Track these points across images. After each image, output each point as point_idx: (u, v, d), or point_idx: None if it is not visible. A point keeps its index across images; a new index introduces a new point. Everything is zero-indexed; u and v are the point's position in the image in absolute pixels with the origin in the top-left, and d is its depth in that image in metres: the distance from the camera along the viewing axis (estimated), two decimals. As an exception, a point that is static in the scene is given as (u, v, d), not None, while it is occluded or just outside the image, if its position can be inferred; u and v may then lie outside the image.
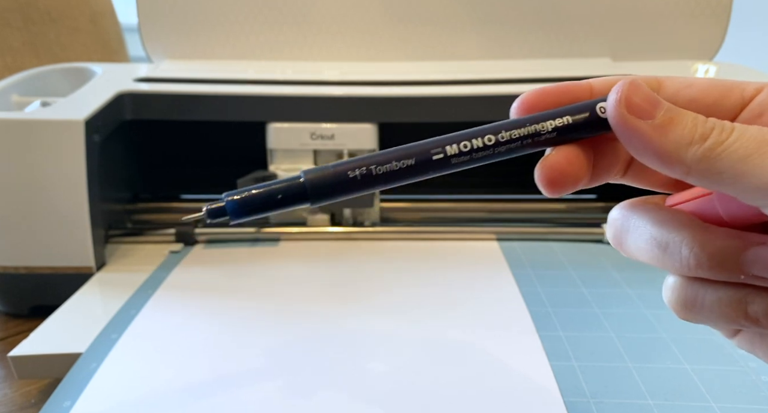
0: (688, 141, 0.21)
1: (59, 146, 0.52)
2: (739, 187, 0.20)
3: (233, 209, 0.23)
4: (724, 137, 0.20)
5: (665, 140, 0.21)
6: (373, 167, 0.23)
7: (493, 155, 0.23)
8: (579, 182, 0.24)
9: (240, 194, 0.24)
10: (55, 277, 0.54)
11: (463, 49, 0.72)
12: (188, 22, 0.73)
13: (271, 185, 0.24)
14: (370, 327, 0.46)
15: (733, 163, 0.20)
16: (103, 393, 0.38)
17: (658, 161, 0.21)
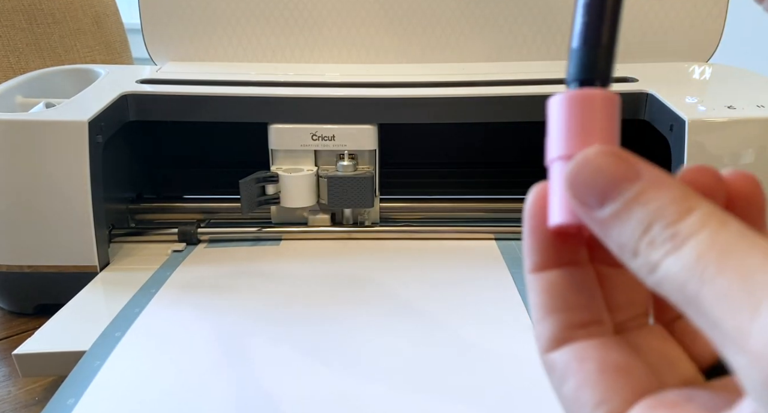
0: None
1: (63, 147, 0.53)
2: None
3: None
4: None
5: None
6: None
7: None
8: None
9: None
10: (59, 276, 0.54)
11: (464, 51, 0.72)
12: (191, 25, 0.73)
13: None
14: (371, 325, 0.46)
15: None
16: (106, 390, 0.39)
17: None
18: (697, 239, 0.15)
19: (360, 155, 0.62)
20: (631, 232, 0.16)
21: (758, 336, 0.14)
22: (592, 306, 0.20)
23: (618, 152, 0.17)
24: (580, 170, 0.17)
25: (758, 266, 0.14)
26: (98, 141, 0.54)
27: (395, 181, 0.70)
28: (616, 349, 0.19)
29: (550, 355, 0.20)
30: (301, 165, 0.62)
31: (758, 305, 0.14)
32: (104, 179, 0.55)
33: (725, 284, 0.14)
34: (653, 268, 0.16)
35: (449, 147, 0.73)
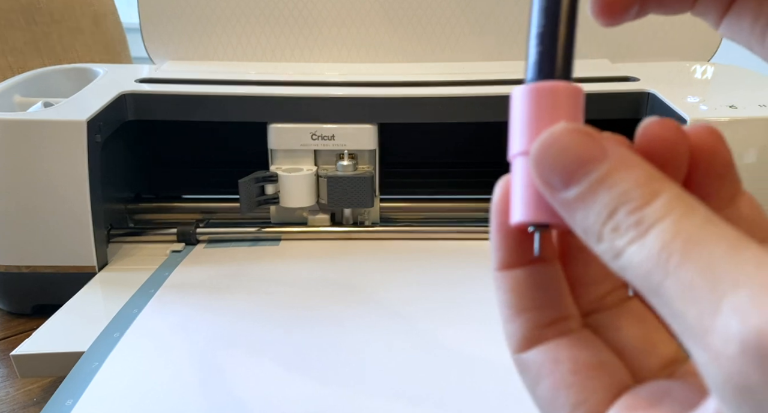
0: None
1: (62, 147, 0.53)
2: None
3: None
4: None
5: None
6: None
7: None
8: (630, 7, 0.21)
9: None
10: (57, 276, 0.54)
11: (463, 51, 0.72)
12: (190, 24, 0.73)
13: None
14: (371, 326, 0.46)
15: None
16: (105, 391, 0.39)
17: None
18: (662, 227, 0.15)
19: (360, 155, 0.62)
20: (595, 217, 0.16)
21: (719, 333, 0.13)
22: (560, 303, 0.20)
23: (585, 129, 0.17)
24: (545, 149, 0.17)
25: (721, 257, 0.14)
26: (97, 141, 0.54)
27: (395, 181, 0.69)
28: (588, 346, 0.19)
29: (522, 355, 0.20)
30: (301, 165, 0.61)
31: (720, 301, 0.13)
32: (103, 178, 0.55)
33: (688, 277, 0.14)
34: (617, 254, 0.15)
35: (450, 147, 0.73)
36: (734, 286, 0.13)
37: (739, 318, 0.13)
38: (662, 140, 0.19)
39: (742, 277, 0.13)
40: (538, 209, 0.18)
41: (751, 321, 0.13)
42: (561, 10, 0.19)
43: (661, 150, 0.19)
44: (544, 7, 0.19)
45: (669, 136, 0.19)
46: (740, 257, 0.14)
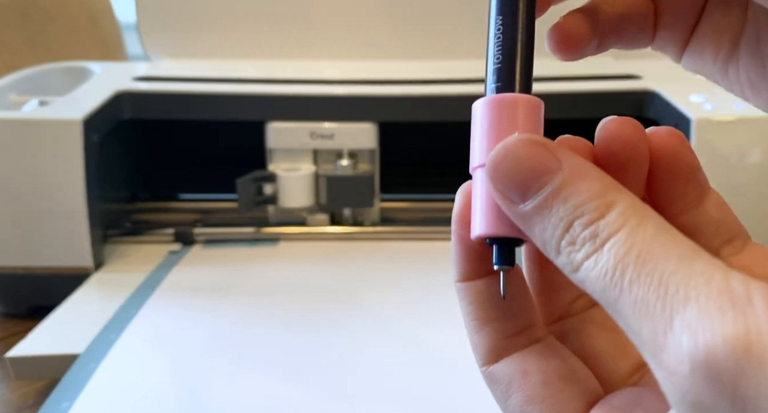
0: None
1: (57, 146, 0.52)
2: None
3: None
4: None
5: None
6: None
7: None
8: (587, 42, 0.22)
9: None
10: (53, 277, 0.54)
11: (464, 48, 0.72)
12: (187, 21, 0.72)
13: None
14: (370, 327, 0.45)
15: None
16: (101, 394, 0.38)
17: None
18: (616, 240, 0.15)
19: (360, 154, 0.61)
20: (552, 230, 0.16)
21: (672, 352, 0.13)
22: (524, 311, 0.20)
23: (538, 139, 0.17)
24: (499, 161, 0.17)
25: (673, 271, 0.14)
26: (93, 140, 0.54)
27: (395, 180, 0.69)
28: (556, 355, 0.19)
29: (491, 368, 0.19)
30: (300, 164, 0.61)
31: (671, 318, 0.13)
32: (99, 178, 0.55)
33: (641, 294, 0.14)
34: (575, 269, 0.15)
35: (451, 146, 0.73)
36: (684, 302, 0.13)
37: (688, 336, 0.13)
38: (621, 139, 0.19)
39: (692, 292, 0.13)
40: (498, 223, 0.18)
41: (700, 339, 0.13)
42: (519, 24, 0.19)
43: (620, 149, 0.19)
44: (501, 20, 0.19)
45: (628, 135, 0.19)
46: (690, 270, 0.14)
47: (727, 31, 0.22)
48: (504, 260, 0.18)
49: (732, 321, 0.12)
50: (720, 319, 0.13)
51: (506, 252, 0.18)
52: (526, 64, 0.19)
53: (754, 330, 0.12)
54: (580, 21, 0.22)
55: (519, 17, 0.19)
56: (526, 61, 0.19)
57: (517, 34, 0.19)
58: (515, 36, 0.19)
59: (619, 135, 0.19)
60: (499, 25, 0.19)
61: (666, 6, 0.22)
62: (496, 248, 0.18)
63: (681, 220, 0.19)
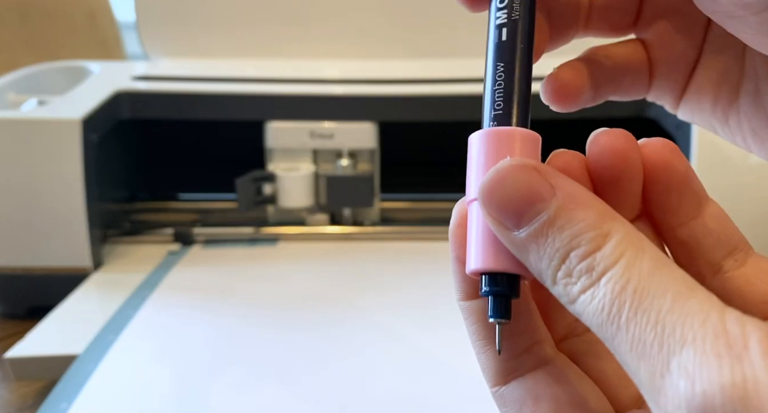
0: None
1: (56, 146, 0.52)
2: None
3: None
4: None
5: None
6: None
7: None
8: (583, 93, 0.22)
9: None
10: (51, 277, 0.54)
11: (465, 47, 0.71)
12: (186, 20, 0.72)
13: None
14: (370, 327, 0.45)
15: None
16: (100, 394, 0.38)
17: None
18: (612, 274, 0.15)
19: (359, 154, 0.61)
20: (548, 261, 0.16)
21: (669, 396, 0.13)
22: (531, 328, 0.19)
23: (531, 163, 0.17)
24: (493, 187, 0.17)
25: (668, 311, 0.14)
26: (92, 140, 0.53)
27: (395, 180, 0.69)
28: (568, 380, 0.19)
29: (501, 390, 0.19)
30: (299, 164, 0.61)
31: (669, 361, 0.13)
32: (98, 178, 0.55)
33: (638, 333, 0.14)
34: (572, 301, 0.15)
35: (451, 146, 0.73)
36: (681, 343, 0.13)
37: (685, 380, 0.13)
38: (613, 152, 0.18)
39: (688, 333, 0.13)
40: (494, 257, 0.17)
41: (697, 386, 0.13)
42: (516, 60, 0.19)
43: (613, 163, 0.18)
44: (498, 56, 0.19)
45: (620, 148, 0.18)
46: (687, 308, 0.14)
47: (725, 81, 0.22)
48: (499, 313, 0.18)
49: (729, 369, 0.12)
50: (717, 366, 0.13)
51: (502, 304, 0.18)
52: (524, 100, 0.19)
53: (750, 379, 0.12)
54: (575, 72, 0.22)
55: (517, 59, 0.19)
56: (524, 97, 0.19)
57: (514, 75, 0.19)
58: (512, 76, 0.19)
59: (611, 148, 0.18)
60: (496, 59, 0.19)
61: (660, 57, 0.22)
62: (491, 299, 0.18)
63: (680, 233, 0.19)
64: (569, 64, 0.22)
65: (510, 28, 0.19)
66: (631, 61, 0.22)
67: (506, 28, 0.19)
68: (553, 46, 0.22)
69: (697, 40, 0.22)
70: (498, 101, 0.18)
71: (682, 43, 0.22)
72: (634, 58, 0.22)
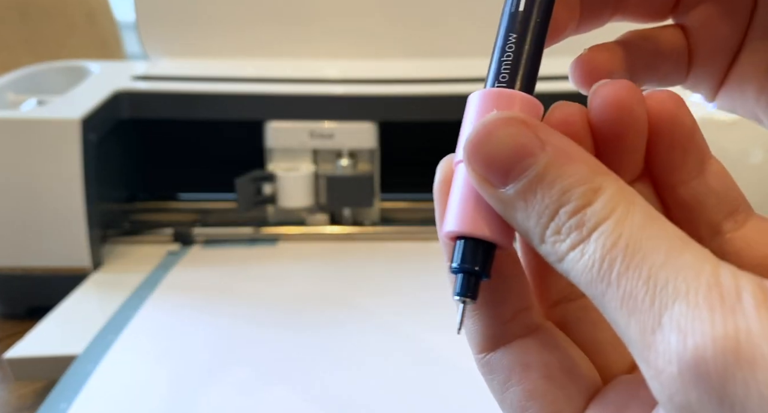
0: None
1: (55, 146, 0.52)
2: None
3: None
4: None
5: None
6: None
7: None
8: (615, 77, 0.20)
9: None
10: (51, 278, 0.53)
11: (465, 47, 0.71)
12: (186, 19, 0.72)
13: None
14: (370, 327, 0.45)
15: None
16: (99, 395, 0.38)
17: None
18: (603, 230, 0.14)
19: (359, 154, 0.61)
20: (536, 218, 0.15)
21: (660, 350, 0.13)
22: (519, 294, 0.19)
23: (519, 117, 0.16)
24: (479, 142, 0.16)
25: (661, 266, 0.13)
26: (91, 140, 0.53)
27: (396, 180, 0.69)
28: (558, 347, 0.18)
29: (488, 357, 0.18)
30: (299, 164, 0.61)
31: (660, 316, 0.13)
32: (97, 178, 0.55)
33: (629, 288, 0.13)
34: (560, 259, 0.15)
35: (451, 146, 0.73)
36: (674, 297, 0.13)
37: (677, 334, 0.12)
38: (617, 103, 0.17)
39: (681, 286, 0.13)
40: (472, 221, 0.16)
41: (689, 340, 0.12)
42: (528, 33, 0.18)
43: (616, 116, 0.17)
44: (511, 26, 0.18)
45: (624, 99, 0.17)
46: (680, 262, 0.13)
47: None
48: (465, 291, 0.17)
49: (721, 321, 0.12)
50: (709, 318, 0.12)
51: (471, 282, 0.17)
52: (530, 73, 0.18)
53: (743, 330, 0.12)
54: (609, 54, 0.21)
55: (530, 31, 0.18)
56: (530, 70, 0.18)
57: (524, 47, 0.18)
58: (522, 48, 0.18)
59: (614, 101, 0.17)
60: (510, 37, 0.18)
61: (701, 43, 0.21)
62: (459, 276, 0.17)
63: (681, 192, 0.19)
64: (603, 46, 0.21)
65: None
66: (671, 48, 0.21)
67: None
68: (583, 28, 0.21)
69: (742, 25, 0.21)
70: (503, 73, 0.18)
71: (725, 29, 0.21)
72: (673, 44, 0.21)
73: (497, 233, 0.16)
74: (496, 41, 0.18)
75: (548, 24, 0.18)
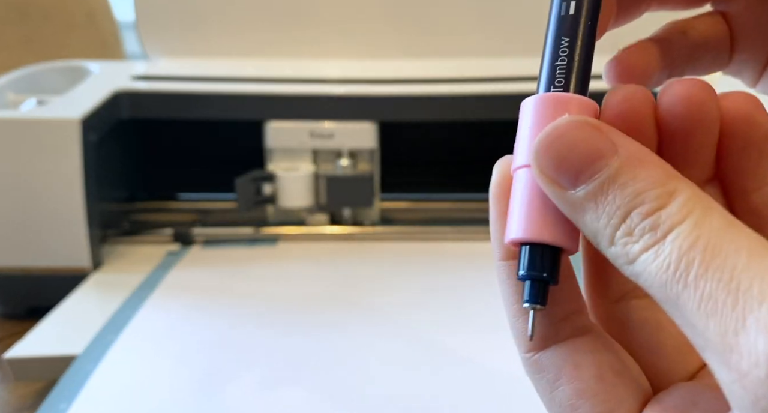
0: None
1: (55, 146, 0.52)
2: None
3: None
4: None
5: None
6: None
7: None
8: (653, 75, 0.20)
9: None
10: (51, 278, 0.53)
11: (466, 47, 0.71)
12: (186, 19, 0.72)
13: None
14: (370, 328, 0.45)
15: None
16: (99, 395, 0.38)
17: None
18: (680, 231, 0.14)
19: (359, 154, 0.61)
20: (606, 219, 0.15)
21: (744, 352, 0.12)
22: (572, 296, 0.18)
23: (591, 121, 0.16)
24: (549, 143, 0.16)
25: (743, 268, 0.13)
26: (91, 140, 0.53)
27: (396, 180, 0.69)
28: (608, 350, 0.18)
29: (537, 355, 0.18)
30: (299, 164, 0.61)
31: (745, 318, 0.12)
32: (97, 178, 0.55)
33: (708, 290, 0.13)
34: (631, 261, 0.15)
35: (452, 145, 0.73)
36: (759, 299, 0.12)
37: (764, 337, 0.12)
38: (687, 98, 0.17)
39: (767, 289, 0.12)
40: (539, 227, 0.16)
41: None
42: (579, 36, 0.18)
43: (686, 112, 0.17)
44: (562, 30, 0.18)
45: (696, 95, 0.17)
46: (764, 266, 0.13)
47: None
48: (536, 298, 0.17)
49: None
50: None
51: (540, 289, 0.17)
52: (584, 77, 0.18)
53: None
54: (643, 52, 0.20)
55: (581, 35, 0.18)
56: (584, 75, 0.18)
57: (575, 51, 0.18)
58: (574, 52, 0.18)
59: (685, 95, 0.17)
60: (563, 41, 0.18)
61: (743, 29, 0.21)
62: (529, 283, 0.17)
63: (754, 199, 0.18)
64: (638, 45, 0.20)
65: (578, 1, 0.18)
66: (713, 37, 0.21)
67: (574, 2, 0.18)
68: (621, 22, 0.21)
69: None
70: (559, 77, 0.18)
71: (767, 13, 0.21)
72: (715, 33, 0.21)
73: (563, 237, 0.16)
74: (546, 45, 0.18)
75: (597, 26, 0.18)
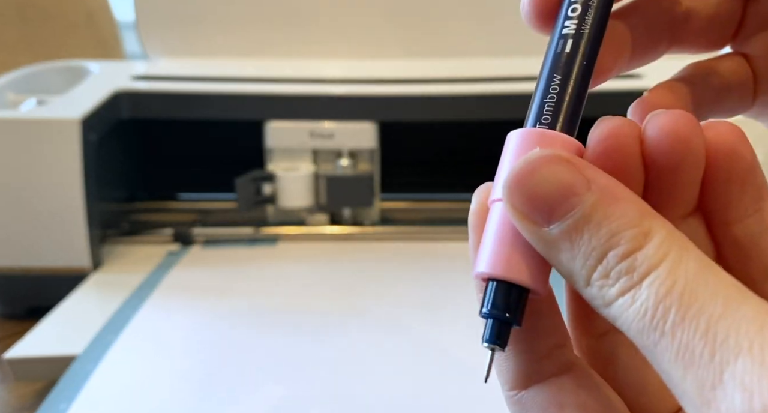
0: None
1: (55, 146, 0.52)
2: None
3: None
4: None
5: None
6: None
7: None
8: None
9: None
10: (51, 278, 0.53)
11: (466, 47, 0.71)
12: (186, 19, 0.72)
13: None
14: (370, 328, 0.45)
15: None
16: (99, 395, 0.38)
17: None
18: (656, 276, 0.13)
19: (359, 154, 0.61)
20: (583, 260, 0.15)
21: (721, 409, 0.12)
22: (555, 330, 0.18)
23: (563, 155, 0.15)
24: (522, 179, 0.15)
25: (719, 317, 0.13)
26: (91, 140, 0.53)
27: (396, 180, 0.69)
28: (592, 386, 0.18)
29: (521, 395, 0.18)
30: (299, 164, 0.61)
31: (721, 372, 0.12)
32: (97, 178, 0.55)
33: (685, 340, 0.13)
34: (607, 304, 0.14)
35: (452, 145, 0.73)
36: (735, 352, 0.12)
37: (741, 393, 0.12)
38: (674, 134, 0.16)
39: (743, 341, 0.12)
40: (508, 265, 0.16)
41: (755, 397, 0.12)
42: (573, 75, 0.17)
43: (673, 147, 0.17)
44: (556, 67, 0.18)
45: (681, 130, 0.16)
46: (739, 315, 0.13)
47: None
48: (495, 338, 0.16)
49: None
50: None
51: (502, 329, 0.16)
52: (573, 117, 0.17)
53: None
54: (673, 94, 0.20)
55: (574, 74, 0.17)
56: (573, 114, 0.17)
57: (567, 90, 0.17)
58: (566, 91, 0.17)
59: (672, 131, 0.16)
60: (555, 78, 0.18)
61: (766, 70, 0.20)
62: (489, 322, 0.16)
63: (735, 230, 0.18)
64: (666, 85, 0.20)
65: (575, 40, 0.18)
66: (736, 79, 0.21)
67: (572, 40, 0.18)
68: (635, 64, 0.20)
69: None
70: (546, 114, 0.17)
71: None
72: (739, 76, 0.21)
73: (532, 277, 0.16)
74: (539, 81, 0.18)
75: (593, 67, 0.18)
